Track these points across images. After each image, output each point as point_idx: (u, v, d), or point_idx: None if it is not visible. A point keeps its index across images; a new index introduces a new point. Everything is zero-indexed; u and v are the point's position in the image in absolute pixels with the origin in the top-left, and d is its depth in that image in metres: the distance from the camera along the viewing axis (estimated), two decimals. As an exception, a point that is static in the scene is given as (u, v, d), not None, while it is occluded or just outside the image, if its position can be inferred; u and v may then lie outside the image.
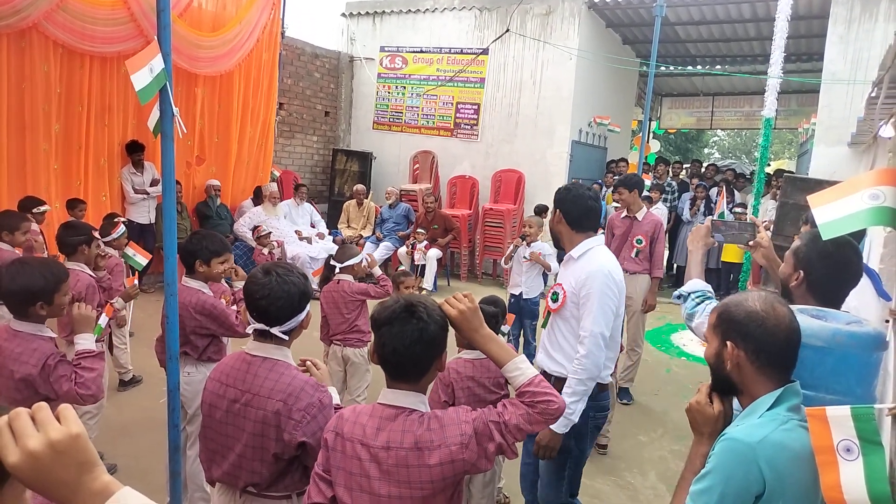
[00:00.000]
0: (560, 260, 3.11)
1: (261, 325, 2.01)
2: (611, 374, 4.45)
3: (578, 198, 2.78)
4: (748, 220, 2.74)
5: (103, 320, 2.96)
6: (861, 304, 2.29)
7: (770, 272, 2.69)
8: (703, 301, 2.30)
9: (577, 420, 2.66)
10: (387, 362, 1.69)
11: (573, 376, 2.67)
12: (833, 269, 2.00)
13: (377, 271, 4.49)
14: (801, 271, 2.04)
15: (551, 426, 2.56)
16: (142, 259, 4.57)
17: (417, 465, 1.61)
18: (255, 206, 8.64)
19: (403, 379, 1.70)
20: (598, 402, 2.80)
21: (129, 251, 4.58)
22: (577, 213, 2.78)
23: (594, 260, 2.73)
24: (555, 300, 2.82)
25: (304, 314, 2.06)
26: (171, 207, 2.79)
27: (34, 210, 5.28)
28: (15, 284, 2.43)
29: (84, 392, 2.44)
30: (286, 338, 2.03)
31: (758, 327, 1.56)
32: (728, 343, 1.60)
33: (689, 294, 2.37)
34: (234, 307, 3.46)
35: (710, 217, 8.39)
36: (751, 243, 2.58)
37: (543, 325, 2.99)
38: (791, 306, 1.65)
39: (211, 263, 3.19)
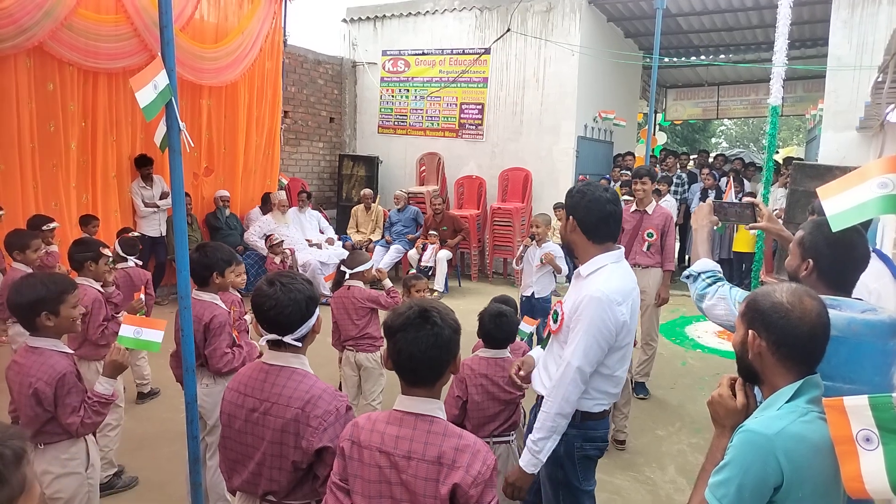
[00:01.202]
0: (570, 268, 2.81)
1: (273, 336, 2.03)
2: (625, 371, 4.47)
3: (595, 202, 2.36)
4: (747, 201, 2.65)
5: (153, 335, 2.76)
6: (881, 286, 2.28)
7: (785, 248, 2.68)
8: (715, 282, 2.26)
9: (543, 459, 2.36)
10: (403, 368, 1.70)
11: (542, 409, 2.37)
12: (841, 253, 1.99)
13: (387, 283, 4.50)
14: (810, 260, 2.02)
15: (520, 462, 2.42)
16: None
17: (435, 479, 1.62)
18: (263, 214, 8.68)
19: (419, 384, 1.71)
20: (584, 430, 2.44)
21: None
22: (594, 220, 2.37)
23: (598, 282, 2.32)
24: (555, 320, 2.51)
25: (314, 319, 2.08)
26: (181, 220, 2.82)
27: (43, 228, 5.35)
28: (19, 297, 2.48)
29: (83, 431, 2.55)
30: (299, 345, 2.05)
31: (780, 318, 1.55)
32: (750, 332, 1.60)
33: (700, 274, 2.31)
34: (248, 317, 3.49)
35: (711, 199, 8.32)
36: (752, 225, 2.53)
37: (543, 346, 2.73)
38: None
39: (225, 273, 3.27)
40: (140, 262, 5.11)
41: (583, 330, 2.29)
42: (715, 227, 2.59)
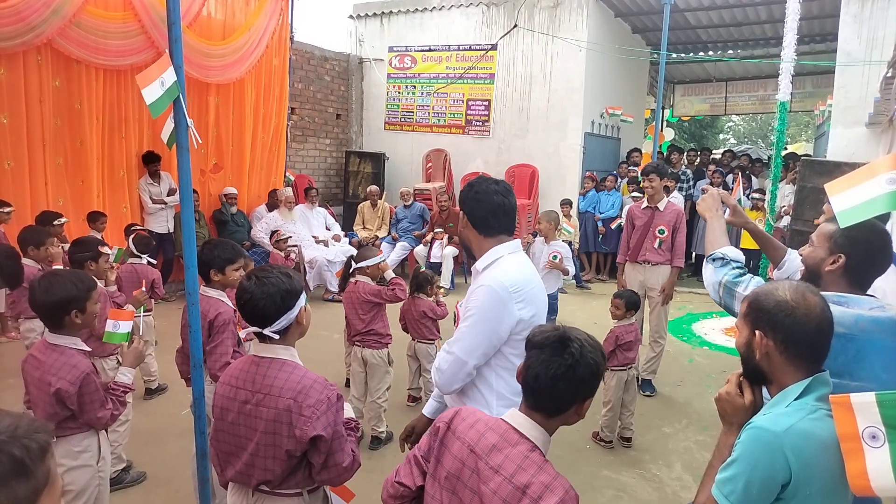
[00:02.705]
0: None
1: (255, 329, 2.06)
2: (633, 367, 4.47)
3: (483, 194, 2.24)
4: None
5: (127, 327, 2.99)
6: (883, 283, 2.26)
7: (763, 242, 2.73)
8: (745, 274, 2.23)
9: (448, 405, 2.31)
10: (526, 385, 1.62)
11: (437, 376, 2.23)
12: (874, 253, 1.98)
13: (390, 274, 4.51)
14: (842, 255, 1.99)
15: (423, 411, 2.46)
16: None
17: None
18: (270, 211, 8.70)
19: (538, 408, 1.61)
20: None
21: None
22: (482, 212, 2.23)
23: (493, 273, 2.16)
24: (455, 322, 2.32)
25: (294, 312, 2.07)
26: (189, 217, 2.83)
27: (55, 223, 5.37)
28: (50, 295, 2.49)
29: (110, 423, 2.65)
30: (277, 337, 2.06)
31: (787, 317, 1.54)
32: (757, 332, 1.59)
33: (731, 261, 2.27)
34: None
35: (703, 183, 8.27)
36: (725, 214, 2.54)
37: None
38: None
39: (226, 271, 3.21)
40: (154, 262, 5.13)
41: (473, 321, 2.12)
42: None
